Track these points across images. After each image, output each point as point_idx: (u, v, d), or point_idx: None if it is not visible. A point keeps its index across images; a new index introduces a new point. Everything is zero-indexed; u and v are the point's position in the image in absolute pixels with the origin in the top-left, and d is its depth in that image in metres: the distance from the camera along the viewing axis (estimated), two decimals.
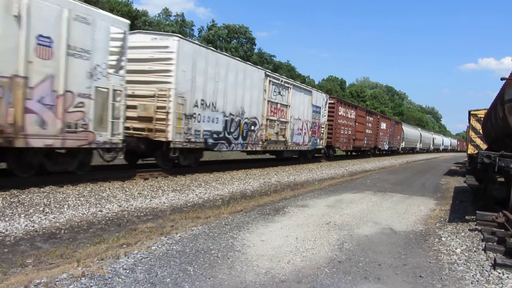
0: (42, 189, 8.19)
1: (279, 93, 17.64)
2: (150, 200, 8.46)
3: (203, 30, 65.29)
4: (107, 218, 6.84)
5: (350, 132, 27.30)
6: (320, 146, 23.02)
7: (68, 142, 8.61)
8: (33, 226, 5.95)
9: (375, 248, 5.61)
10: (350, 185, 13.22)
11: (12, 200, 7.14)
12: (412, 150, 53.81)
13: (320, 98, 22.52)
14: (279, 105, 17.67)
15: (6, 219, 6.11)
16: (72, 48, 8.45)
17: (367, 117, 31.85)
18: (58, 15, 8.14)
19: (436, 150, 72.33)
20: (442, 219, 8.05)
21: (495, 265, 4.90)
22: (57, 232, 5.88)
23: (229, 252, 5.02)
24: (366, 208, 8.80)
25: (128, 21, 10.25)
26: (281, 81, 17.82)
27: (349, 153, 32.02)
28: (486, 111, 12.73)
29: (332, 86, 74.64)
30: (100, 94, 9.18)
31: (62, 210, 6.92)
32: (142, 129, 11.57)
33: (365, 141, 31.23)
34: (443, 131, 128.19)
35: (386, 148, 39.36)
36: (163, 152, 11.86)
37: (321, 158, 24.89)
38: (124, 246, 5.13)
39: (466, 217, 8.19)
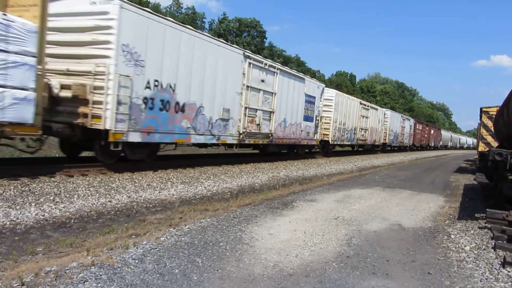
0: (52, 178, 8.28)
1: (402, 120, 40.31)
2: (159, 192, 8.51)
3: (214, 23, 65.12)
4: (116, 209, 6.90)
5: (419, 137, 49.69)
6: (411, 143, 45.47)
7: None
8: (43, 215, 6.02)
9: (383, 244, 5.59)
10: (359, 180, 13.17)
11: (23, 189, 7.23)
12: (445, 147, 70.87)
13: (412, 121, 46.09)
14: (403, 127, 40.81)
15: (17, 207, 6.19)
16: None
17: (425, 127, 54.29)
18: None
19: (461, 147, 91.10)
20: (451, 217, 7.99)
21: (504, 264, 4.86)
22: (67, 221, 5.95)
23: (237, 245, 5.04)
24: (374, 204, 8.76)
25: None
26: (402, 117, 41.66)
27: (414, 148, 50.58)
28: (498, 108, 12.56)
29: (342, 81, 74.10)
30: None
31: (72, 199, 6.99)
32: None
33: (424, 141, 52.94)
34: (453, 128, 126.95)
35: (432, 145, 59.10)
36: None
37: (407, 148, 45.26)
38: (133, 236, 5.17)
39: (476, 215, 8.13)
